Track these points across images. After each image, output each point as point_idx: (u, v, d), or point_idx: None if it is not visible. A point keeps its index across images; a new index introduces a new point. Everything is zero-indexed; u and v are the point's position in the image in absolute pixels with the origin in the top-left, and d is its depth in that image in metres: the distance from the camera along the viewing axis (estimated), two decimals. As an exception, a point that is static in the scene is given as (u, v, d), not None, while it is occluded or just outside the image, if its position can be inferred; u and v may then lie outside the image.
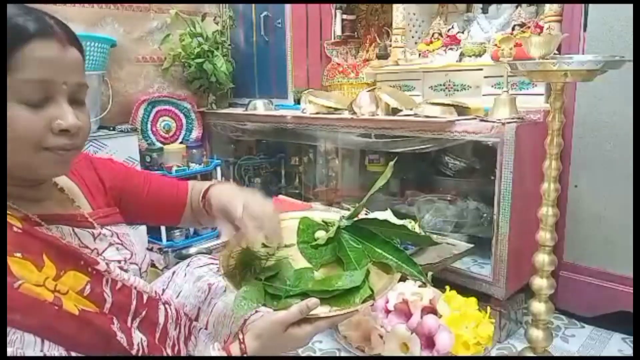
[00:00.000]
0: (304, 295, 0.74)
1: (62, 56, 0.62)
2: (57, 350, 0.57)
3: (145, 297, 0.74)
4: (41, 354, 0.56)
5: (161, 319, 0.76)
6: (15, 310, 0.54)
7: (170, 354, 0.76)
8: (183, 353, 0.81)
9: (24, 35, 0.58)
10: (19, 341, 0.54)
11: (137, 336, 0.68)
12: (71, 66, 0.63)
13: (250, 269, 0.79)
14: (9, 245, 0.58)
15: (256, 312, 0.70)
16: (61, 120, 0.62)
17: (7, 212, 0.62)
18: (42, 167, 0.63)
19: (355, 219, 0.93)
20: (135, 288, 0.72)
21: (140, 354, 0.67)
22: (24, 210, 0.65)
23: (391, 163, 0.92)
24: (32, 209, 0.67)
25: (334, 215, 0.98)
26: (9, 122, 0.58)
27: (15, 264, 0.57)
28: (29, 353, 0.55)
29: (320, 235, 0.90)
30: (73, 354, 0.59)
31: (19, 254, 0.58)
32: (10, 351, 0.53)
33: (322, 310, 0.71)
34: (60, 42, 0.62)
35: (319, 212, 1.02)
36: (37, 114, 0.60)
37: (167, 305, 0.79)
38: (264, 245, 0.84)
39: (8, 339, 0.53)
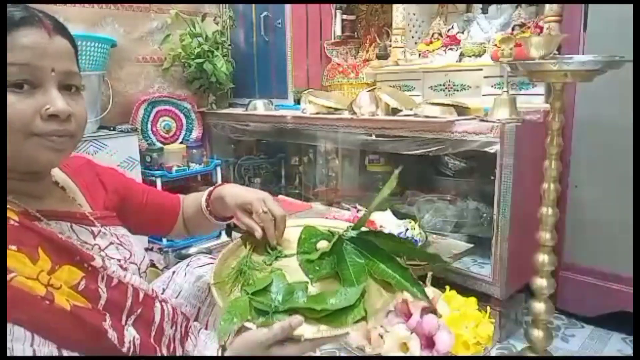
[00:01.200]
0: (293, 312, 0.68)
1: (48, 43, 0.64)
2: (47, 347, 0.57)
3: (141, 294, 0.74)
4: (31, 349, 0.56)
5: (157, 317, 0.76)
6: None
7: (165, 353, 0.76)
8: (179, 352, 0.81)
9: (10, 22, 0.61)
10: (8, 333, 0.54)
11: (130, 334, 0.68)
12: (58, 53, 0.65)
13: (242, 280, 0.77)
14: None
15: (244, 327, 0.64)
16: (49, 105, 0.63)
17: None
18: (33, 154, 0.63)
19: (362, 229, 0.87)
20: (131, 285, 0.72)
21: (132, 353, 0.67)
22: (23, 205, 0.65)
23: (396, 172, 0.88)
24: (32, 204, 0.67)
25: (342, 224, 0.93)
26: None
27: (10, 257, 0.57)
28: (19, 347, 0.55)
29: (323, 246, 0.85)
30: (64, 350, 0.59)
31: (14, 247, 0.58)
32: None
33: (310, 330, 0.65)
34: (47, 30, 0.64)
35: (325, 220, 0.97)
36: (25, 100, 0.61)
37: (163, 303, 0.79)
38: (266, 252, 0.85)
39: None
